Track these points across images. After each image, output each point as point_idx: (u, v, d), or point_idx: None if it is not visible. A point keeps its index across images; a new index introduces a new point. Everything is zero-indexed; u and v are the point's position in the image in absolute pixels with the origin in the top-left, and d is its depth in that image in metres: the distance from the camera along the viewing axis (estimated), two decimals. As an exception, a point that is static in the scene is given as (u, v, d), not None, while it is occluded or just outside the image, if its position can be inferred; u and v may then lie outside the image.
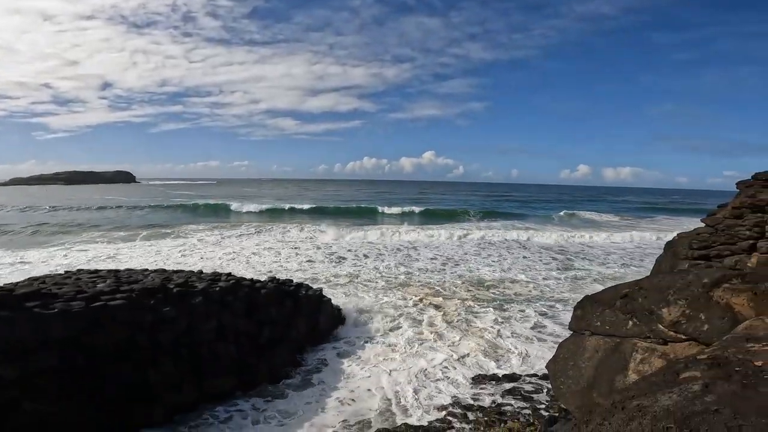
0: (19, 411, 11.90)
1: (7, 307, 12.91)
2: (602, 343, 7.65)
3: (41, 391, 12.46)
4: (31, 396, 12.21)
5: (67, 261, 38.92)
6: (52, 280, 16.80)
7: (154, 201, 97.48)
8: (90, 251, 43.75)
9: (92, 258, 40.43)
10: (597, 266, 42.51)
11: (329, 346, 22.55)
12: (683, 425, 3.02)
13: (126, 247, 46.88)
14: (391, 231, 59.94)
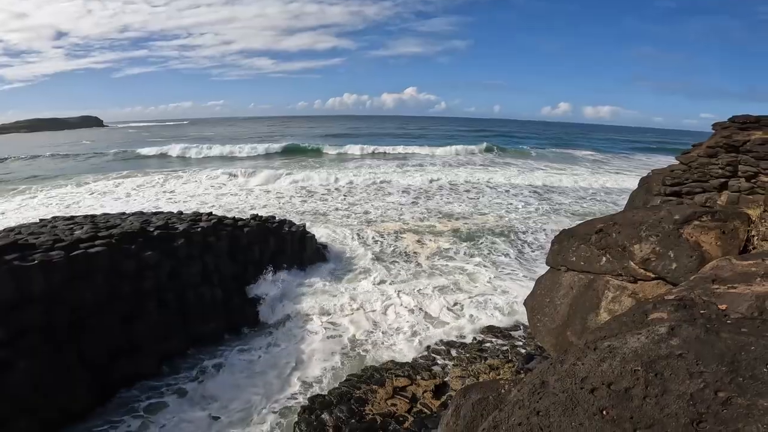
0: (14, 371, 11.95)
1: None
2: (577, 279, 7.96)
3: (31, 350, 12.45)
4: (22, 355, 12.20)
5: (39, 209, 37.46)
6: (27, 229, 16.32)
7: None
8: (60, 197, 42.41)
9: (66, 204, 39.21)
10: (573, 201, 43.30)
11: (315, 281, 22.87)
12: (649, 369, 3.24)
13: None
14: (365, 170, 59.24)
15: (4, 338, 11.98)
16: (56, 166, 65.96)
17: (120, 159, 73.69)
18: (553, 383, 3.42)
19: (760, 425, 2.78)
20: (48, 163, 71.22)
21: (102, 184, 48.30)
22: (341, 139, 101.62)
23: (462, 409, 4.81)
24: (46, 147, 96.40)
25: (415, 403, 13.19)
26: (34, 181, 51.90)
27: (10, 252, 13.20)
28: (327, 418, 12.40)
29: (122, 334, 14.63)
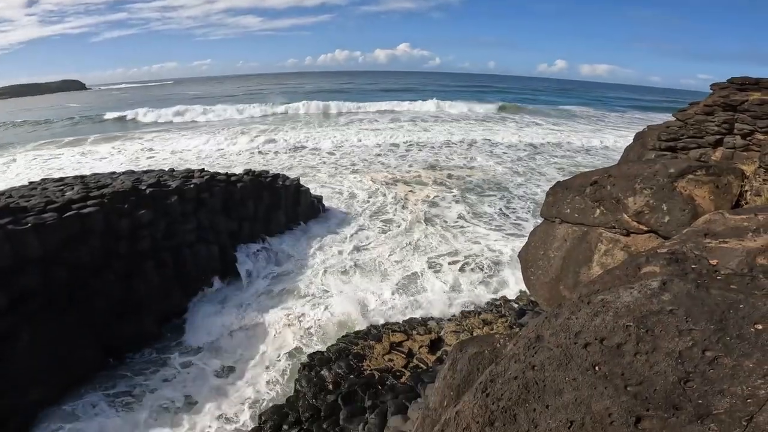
0: (19, 339, 12.11)
1: None
2: (571, 231, 8.05)
3: (34, 317, 12.55)
4: (25, 322, 12.31)
5: (27, 172, 36.89)
6: (17, 192, 16.14)
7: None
8: (45, 159, 41.76)
9: (52, 167, 38.56)
10: (567, 156, 43.07)
11: (311, 235, 23.40)
12: (640, 324, 3.33)
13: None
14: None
15: (5, 305, 12.01)
16: (36, 132, 63.70)
17: (96, 122, 71.08)
18: (547, 337, 3.51)
19: (745, 387, 2.86)
20: (27, 128, 68.76)
21: (80, 148, 47.28)
22: (331, 95, 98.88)
23: (458, 363, 4.94)
24: (25, 112, 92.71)
25: (411, 358, 13.58)
26: (13, 145, 50.60)
27: (3, 216, 13.07)
28: (326, 374, 12.82)
29: (122, 295, 14.76)
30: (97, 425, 11.77)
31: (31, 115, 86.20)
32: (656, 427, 2.92)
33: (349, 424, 11.02)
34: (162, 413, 12.31)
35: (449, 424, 3.47)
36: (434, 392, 5.22)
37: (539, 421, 3.12)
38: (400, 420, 9.93)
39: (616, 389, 3.11)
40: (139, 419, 12.04)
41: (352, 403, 11.72)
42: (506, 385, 3.32)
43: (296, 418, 11.56)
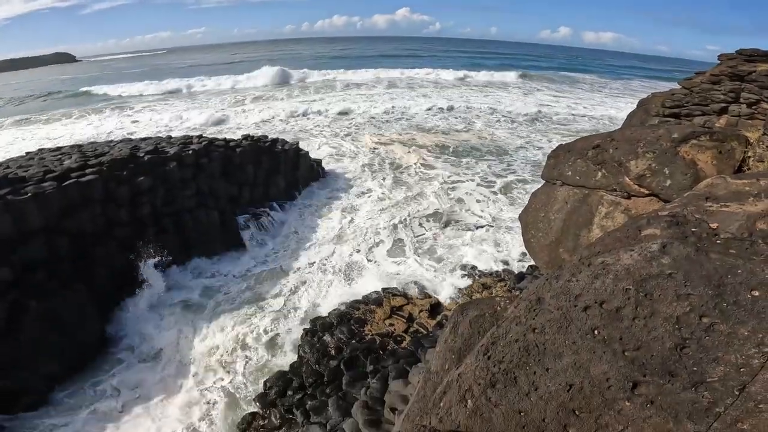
0: (28, 312, 12.23)
1: None
2: (572, 193, 8.05)
3: (39, 287, 12.65)
4: (32, 295, 12.40)
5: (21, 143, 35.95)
6: (15, 163, 16.07)
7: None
8: (35, 130, 40.96)
9: (39, 137, 37.86)
10: (569, 122, 42.56)
11: (310, 198, 23.72)
12: (640, 288, 3.36)
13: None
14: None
15: (10, 278, 12.10)
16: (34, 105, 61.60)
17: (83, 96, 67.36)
18: (548, 300, 3.54)
19: (739, 355, 2.89)
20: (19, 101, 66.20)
21: (72, 120, 46.13)
22: (330, 62, 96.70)
23: (460, 326, 4.99)
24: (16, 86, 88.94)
25: (411, 322, 13.75)
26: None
27: (2, 186, 13.04)
28: (328, 339, 13.02)
29: (125, 263, 14.90)
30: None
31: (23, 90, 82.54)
32: (652, 393, 2.97)
33: (352, 389, 11.24)
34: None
35: (452, 386, 3.54)
36: (435, 356, 5.30)
37: (539, 384, 3.19)
38: (401, 384, 10.05)
39: (614, 354, 3.16)
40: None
41: (354, 368, 11.94)
42: (507, 347, 3.37)
43: (300, 383, 11.81)
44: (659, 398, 2.93)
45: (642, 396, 2.98)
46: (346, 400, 10.87)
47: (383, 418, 9.38)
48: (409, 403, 6.18)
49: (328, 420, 10.43)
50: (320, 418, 10.60)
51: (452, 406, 3.37)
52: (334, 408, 10.63)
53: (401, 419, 6.91)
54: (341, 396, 11.09)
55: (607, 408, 3.01)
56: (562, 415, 3.08)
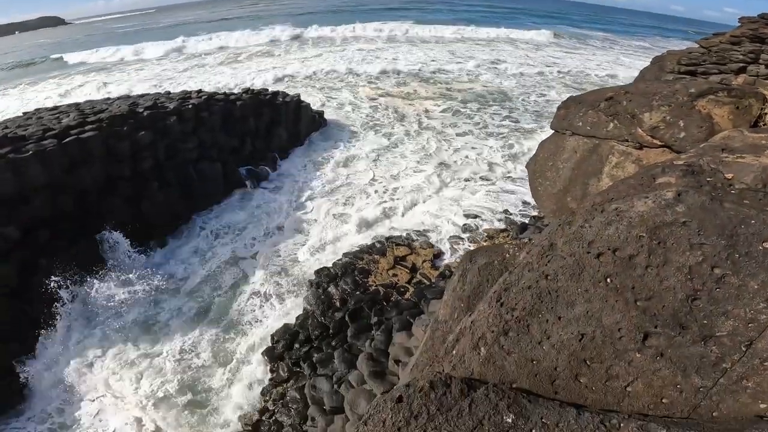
0: (38, 271, 12.41)
1: None
2: (582, 143, 8.00)
3: (47, 246, 12.81)
4: (40, 253, 12.59)
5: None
6: (13, 123, 15.88)
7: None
8: (27, 93, 39.00)
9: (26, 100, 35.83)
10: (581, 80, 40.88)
11: (313, 149, 23.61)
12: (653, 236, 3.33)
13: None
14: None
15: (18, 236, 12.24)
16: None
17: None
18: (561, 246, 3.51)
19: (748, 309, 2.89)
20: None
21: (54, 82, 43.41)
22: (333, 17, 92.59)
23: (468, 274, 4.99)
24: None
25: (415, 273, 13.83)
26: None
27: (2, 146, 12.94)
28: (333, 291, 13.13)
29: (128, 216, 14.98)
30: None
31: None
32: (662, 345, 2.99)
33: (357, 341, 11.38)
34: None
35: (464, 334, 3.56)
36: (443, 305, 5.34)
37: (551, 333, 3.20)
38: (405, 336, 10.19)
39: (626, 303, 3.16)
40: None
41: (358, 319, 12.02)
42: (520, 294, 3.37)
43: (306, 336, 11.94)
44: (669, 351, 2.96)
45: (652, 348, 3.01)
46: (352, 352, 11.04)
47: (387, 370, 9.61)
48: (416, 353, 6.29)
49: (334, 372, 10.63)
50: (327, 371, 10.79)
51: (465, 354, 3.40)
52: (340, 360, 10.81)
53: (407, 371, 7.08)
54: (346, 348, 11.24)
55: (618, 359, 3.05)
56: (574, 364, 3.12)
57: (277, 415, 10.28)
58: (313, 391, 10.30)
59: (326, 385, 10.24)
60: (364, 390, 9.32)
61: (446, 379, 3.00)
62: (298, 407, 10.27)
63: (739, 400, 2.79)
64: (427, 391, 2.92)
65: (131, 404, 10.89)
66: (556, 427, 2.71)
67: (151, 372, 11.51)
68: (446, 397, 2.90)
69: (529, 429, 2.72)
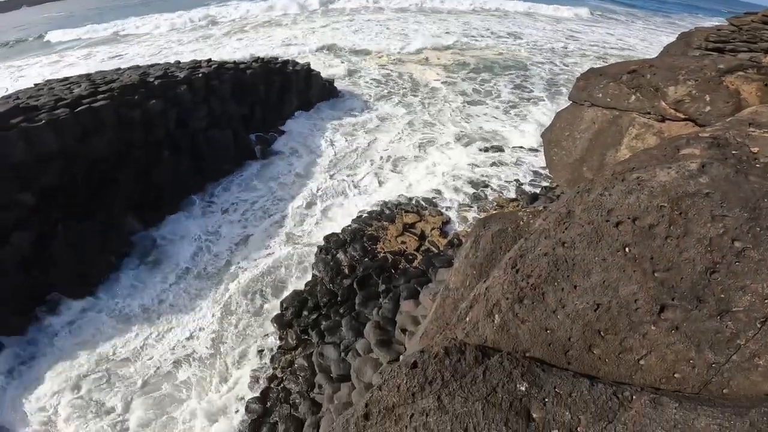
0: (54, 239, 12.65)
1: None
2: (601, 114, 7.84)
3: (62, 213, 13.05)
4: (55, 219, 12.84)
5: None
6: (25, 94, 15.88)
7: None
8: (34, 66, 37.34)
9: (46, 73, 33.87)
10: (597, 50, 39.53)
11: (323, 116, 23.40)
12: (674, 206, 3.24)
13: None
14: None
15: (32, 203, 12.51)
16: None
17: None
18: (579, 213, 3.45)
19: (766, 285, 2.82)
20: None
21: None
22: None
23: (482, 240, 4.94)
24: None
25: (423, 240, 13.75)
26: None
27: (15, 115, 13.05)
28: (342, 257, 13.09)
29: (141, 183, 15.21)
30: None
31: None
32: (678, 318, 2.95)
33: (365, 309, 11.41)
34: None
35: (478, 300, 3.53)
36: (454, 272, 5.31)
37: (567, 302, 3.17)
38: (412, 305, 10.18)
39: (644, 274, 3.11)
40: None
41: (366, 287, 12.01)
42: (536, 261, 3.33)
43: (315, 303, 12.00)
44: (684, 325, 2.92)
45: (668, 321, 2.98)
46: (359, 320, 11.12)
47: (394, 339, 9.68)
48: (425, 321, 6.31)
49: (342, 340, 10.72)
50: (334, 339, 10.89)
51: (479, 321, 3.39)
52: (348, 328, 10.90)
53: (415, 339, 7.14)
54: (354, 316, 11.31)
55: (632, 331, 3.02)
56: (588, 335, 3.10)
57: (285, 383, 10.41)
58: (321, 359, 10.41)
59: (334, 353, 10.35)
60: (370, 358, 9.40)
61: (460, 345, 2.99)
62: (305, 375, 10.37)
63: (749, 378, 2.76)
64: (441, 357, 2.92)
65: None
66: (569, 396, 2.71)
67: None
68: (460, 363, 2.90)
69: (542, 398, 2.73)
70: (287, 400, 9.95)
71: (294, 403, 9.86)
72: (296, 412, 9.65)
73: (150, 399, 10.34)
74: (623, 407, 2.60)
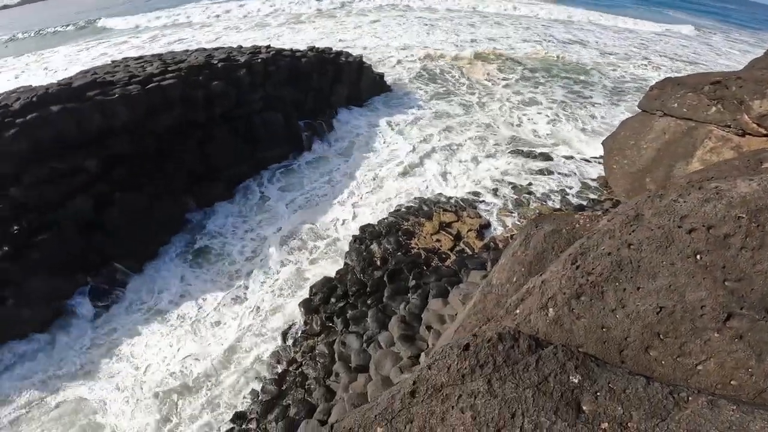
0: (113, 205, 13.49)
1: (73, 98, 13.61)
2: (674, 125, 7.54)
3: (121, 180, 13.91)
4: (116, 187, 13.71)
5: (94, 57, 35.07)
6: (102, 69, 17.12)
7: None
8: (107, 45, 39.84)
9: (116, 52, 36.15)
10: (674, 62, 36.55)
11: (370, 112, 23.51)
12: (753, 218, 3.12)
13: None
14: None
15: (97, 169, 13.47)
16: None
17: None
18: (648, 217, 3.37)
19: None
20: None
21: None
22: None
23: (533, 239, 4.86)
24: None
25: (458, 241, 13.48)
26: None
27: (92, 89, 14.19)
28: (375, 248, 13.08)
29: (199, 159, 16.03)
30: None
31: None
32: (744, 328, 2.89)
33: (392, 302, 11.32)
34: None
35: (532, 293, 3.48)
36: (499, 269, 5.23)
37: (627, 302, 3.10)
38: (441, 303, 9.91)
39: (714, 282, 3.04)
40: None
41: (396, 281, 11.93)
42: (598, 260, 3.27)
43: (344, 291, 12.01)
44: (749, 334, 2.85)
45: (733, 329, 2.90)
46: (385, 312, 11.05)
47: (417, 335, 9.58)
48: (461, 315, 6.24)
49: (365, 331, 10.67)
50: (358, 329, 10.85)
51: (531, 313, 3.35)
52: (373, 320, 10.84)
53: (447, 333, 7.05)
54: (381, 308, 11.23)
55: (694, 336, 2.95)
56: (647, 336, 3.04)
57: (303, 368, 10.44)
58: (342, 348, 10.40)
59: (356, 343, 10.32)
60: (391, 352, 9.32)
61: (514, 333, 2.96)
62: (324, 361, 10.40)
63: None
64: (495, 342, 2.89)
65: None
66: (623, 393, 2.69)
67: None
68: (513, 350, 2.86)
69: (595, 391, 2.70)
70: (303, 385, 10.00)
71: (309, 388, 9.89)
72: (310, 397, 9.66)
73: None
74: (678, 407, 2.56)
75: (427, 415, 2.84)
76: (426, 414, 2.85)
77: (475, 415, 2.71)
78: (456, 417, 2.77)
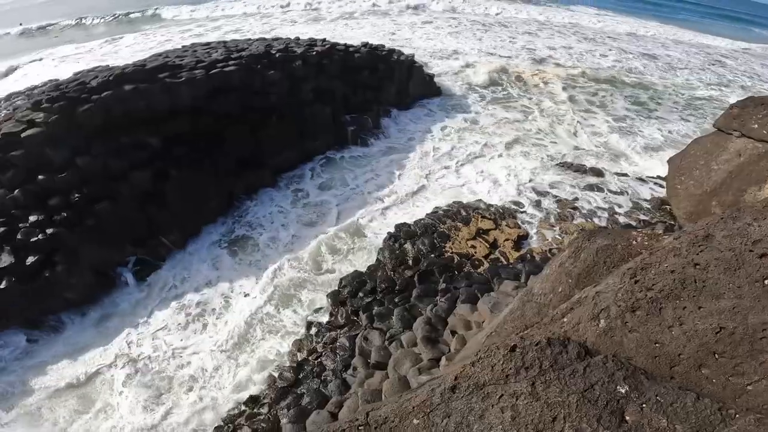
0: (169, 180, 14.21)
1: (145, 79, 14.81)
2: (751, 147, 7.17)
3: (179, 158, 14.68)
4: (172, 164, 14.45)
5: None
6: (173, 53, 18.41)
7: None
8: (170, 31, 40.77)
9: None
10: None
11: (419, 112, 23.44)
12: (831, 243, 2.99)
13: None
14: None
15: (158, 147, 14.44)
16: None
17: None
18: (719, 238, 3.26)
19: None
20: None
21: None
22: None
23: (583, 252, 4.76)
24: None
25: (494, 249, 13.18)
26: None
27: (163, 71, 15.52)
28: (409, 248, 13.01)
29: (250, 145, 16.66)
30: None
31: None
32: None
33: (420, 303, 11.29)
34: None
35: (582, 303, 3.42)
36: (543, 278, 5.15)
37: (686, 320, 3.02)
38: (468, 309, 9.86)
39: (781, 307, 2.90)
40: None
41: (426, 282, 11.91)
42: (660, 276, 3.18)
43: (372, 287, 12.02)
44: None
45: None
46: (411, 312, 10.98)
47: (441, 338, 9.46)
48: (497, 320, 6.16)
49: (389, 329, 10.62)
50: (382, 325, 10.80)
51: (581, 323, 3.28)
52: (398, 318, 10.79)
53: (477, 338, 6.98)
54: (407, 308, 11.15)
55: (750, 357, 2.92)
56: (702, 354, 2.99)
57: (323, 358, 10.46)
58: (364, 343, 10.34)
59: (378, 340, 10.28)
60: (412, 352, 9.25)
61: (564, 339, 2.90)
62: (344, 354, 10.39)
63: None
64: (543, 346, 2.86)
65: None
66: (670, 406, 2.69)
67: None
68: (561, 356, 2.82)
69: (641, 403, 2.68)
70: (319, 375, 10.04)
71: (325, 379, 9.93)
72: (324, 389, 9.71)
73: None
74: (724, 423, 2.52)
75: (466, 411, 2.82)
76: (465, 410, 2.83)
77: (515, 416, 2.69)
78: (495, 415, 2.74)
